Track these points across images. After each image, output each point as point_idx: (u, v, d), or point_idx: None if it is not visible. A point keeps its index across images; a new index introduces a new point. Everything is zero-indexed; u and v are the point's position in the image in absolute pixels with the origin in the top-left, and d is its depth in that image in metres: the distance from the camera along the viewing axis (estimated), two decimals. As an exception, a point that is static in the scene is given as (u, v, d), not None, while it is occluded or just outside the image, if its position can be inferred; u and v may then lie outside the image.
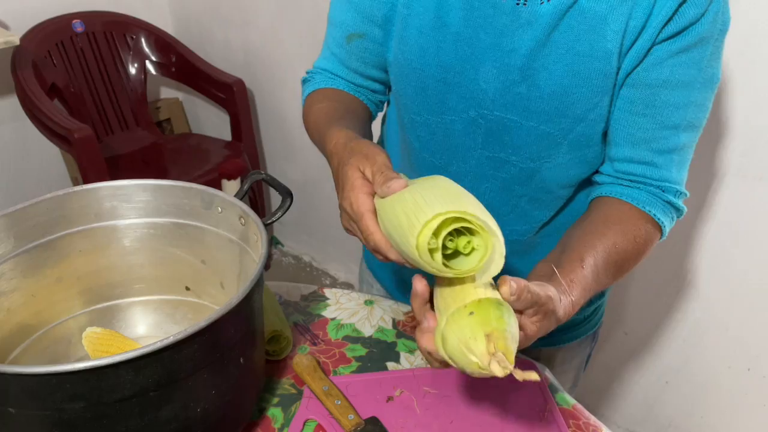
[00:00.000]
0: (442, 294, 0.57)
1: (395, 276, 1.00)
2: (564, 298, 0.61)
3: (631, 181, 0.75)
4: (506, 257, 0.54)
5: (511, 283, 0.53)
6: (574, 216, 0.79)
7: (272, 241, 2.60)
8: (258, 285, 0.65)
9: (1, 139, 2.23)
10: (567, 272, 0.64)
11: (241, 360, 0.64)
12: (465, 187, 0.58)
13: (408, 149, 0.86)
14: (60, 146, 1.97)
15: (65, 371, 0.50)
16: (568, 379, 0.99)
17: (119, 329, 0.82)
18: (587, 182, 0.81)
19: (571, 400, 0.78)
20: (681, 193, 0.75)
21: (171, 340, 0.53)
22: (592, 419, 0.76)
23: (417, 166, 0.85)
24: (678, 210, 0.76)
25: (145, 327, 0.84)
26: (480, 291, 0.54)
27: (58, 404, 0.52)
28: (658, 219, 0.74)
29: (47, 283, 0.76)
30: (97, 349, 0.74)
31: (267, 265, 0.89)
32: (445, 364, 0.56)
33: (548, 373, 0.83)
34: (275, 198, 2.56)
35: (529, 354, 0.93)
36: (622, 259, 0.70)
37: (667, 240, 0.78)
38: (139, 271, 0.82)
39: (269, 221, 0.73)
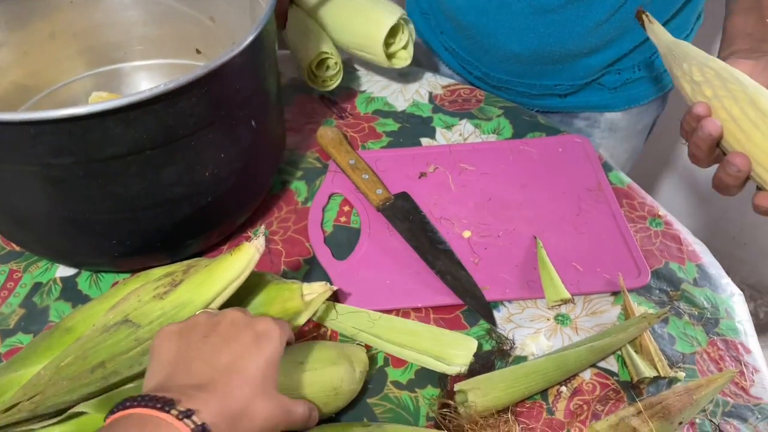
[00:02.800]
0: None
1: (440, 34, 0.88)
2: None
3: None
4: None
5: None
6: None
7: None
8: (267, 33, 0.55)
9: None
10: None
11: (253, 123, 0.57)
12: None
13: None
14: None
15: (41, 119, 0.43)
16: (627, 148, 0.90)
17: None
18: None
19: (626, 179, 0.70)
20: None
21: (161, 88, 0.45)
22: (649, 199, 0.68)
23: None
24: None
25: (156, 94, 0.77)
26: None
27: (42, 158, 0.46)
28: None
29: (39, 38, 0.68)
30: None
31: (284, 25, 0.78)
32: None
33: (602, 151, 0.74)
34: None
35: (590, 119, 0.84)
36: None
37: None
38: (141, 29, 0.73)
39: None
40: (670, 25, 0.75)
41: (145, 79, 0.76)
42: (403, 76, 0.85)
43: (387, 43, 0.76)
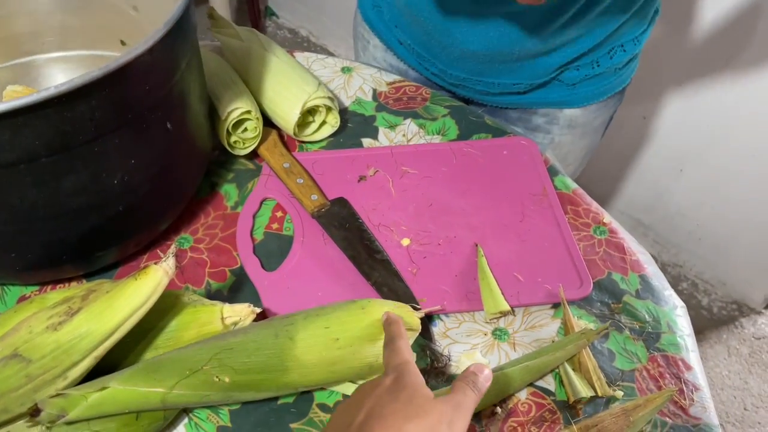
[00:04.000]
0: None
1: (399, 29, 0.84)
2: None
3: None
4: None
5: None
6: None
7: (265, 12, 2.35)
8: (182, 29, 0.50)
9: None
10: None
11: (169, 125, 0.52)
12: None
13: None
14: None
15: None
16: (584, 145, 0.87)
17: (46, 90, 0.70)
18: None
19: (572, 185, 0.68)
20: None
21: (52, 91, 0.41)
22: (594, 205, 0.66)
23: None
24: None
25: (79, 89, 0.71)
26: None
27: None
28: None
29: (-60, 27, 0.62)
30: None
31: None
32: None
33: (549, 154, 0.72)
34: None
35: (549, 115, 0.81)
36: None
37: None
38: (60, 18, 0.67)
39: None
40: (631, 21, 0.73)
41: (63, 72, 0.70)
42: (346, 71, 0.81)
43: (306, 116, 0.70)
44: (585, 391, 0.50)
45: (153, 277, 0.43)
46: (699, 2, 1.19)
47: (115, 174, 0.49)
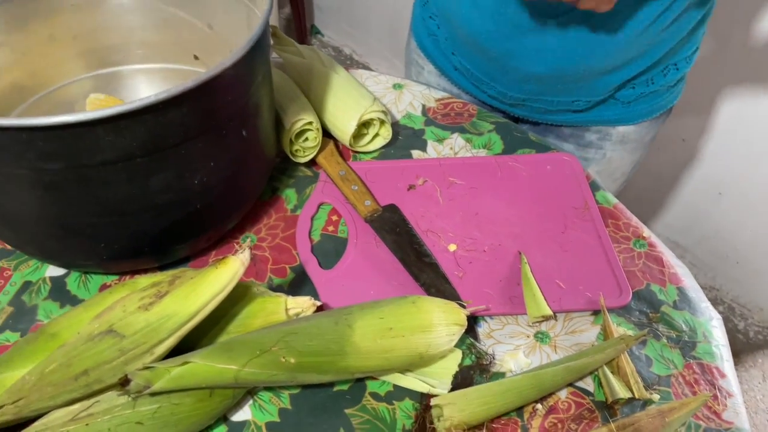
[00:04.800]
0: None
1: (450, 55, 0.88)
2: None
3: None
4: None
5: None
6: None
7: (311, 30, 2.43)
8: (260, 47, 0.56)
9: None
10: None
11: (244, 132, 0.58)
12: None
13: None
14: None
15: (35, 126, 0.44)
16: (634, 159, 0.90)
17: (125, 98, 0.76)
18: None
19: (613, 200, 0.71)
20: None
21: (152, 99, 0.46)
22: (634, 220, 0.69)
23: None
24: None
25: (153, 98, 0.78)
26: None
27: (33, 163, 0.47)
28: None
29: (38, 40, 0.68)
30: (98, 115, 0.69)
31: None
32: None
33: (591, 170, 0.75)
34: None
35: (602, 132, 0.84)
36: None
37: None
38: (141, 34, 0.74)
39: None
40: (685, 39, 0.76)
41: (143, 83, 0.76)
42: (397, 87, 0.86)
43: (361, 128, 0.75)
44: (623, 393, 0.53)
45: (231, 267, 0.48)
46: (741, 25, 1.21)
47: (196, 175, 0.55)
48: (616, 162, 0.88)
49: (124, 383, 0.45)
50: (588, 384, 0.56)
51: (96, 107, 0.71)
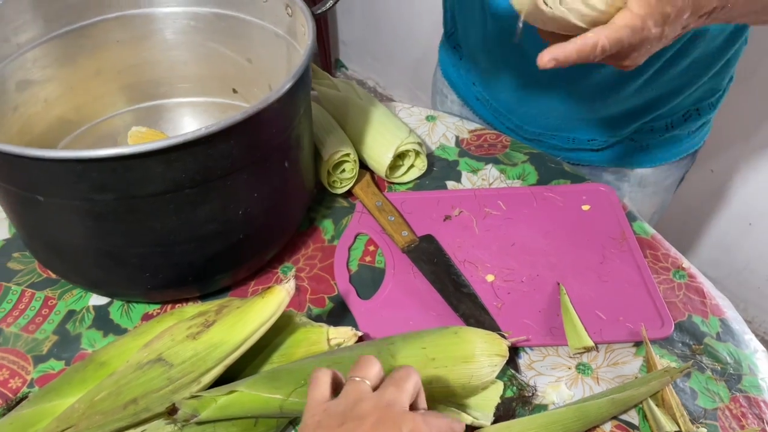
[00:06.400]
0: None
1: (477, 86, 0.89)
2: None
3: None
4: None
5: None
6: None
7: (336, 64, 2.48)
8: (303, 81, 0.57)
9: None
10: None
11: (286, 164, 0.59)
12: None
13: None
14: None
15: (89, 158, 0.46)
16: (655, 203, 0.90)
17: (166, 131, 0.78)
18: None
19: (650, 230, 0.71)
20: None
21: (203, 131, 0.47)
22: (672, 251, 0.68)
23: None
24: None
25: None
26: None
27: (86, 194, 0.48)
28: None
29: (85, 74, 0.71)
30: (141, 148, 0.70)
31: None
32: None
33: (627, 201, 0.75)
34: None
35: (620, 172, 0.84)
36: None
37: None
38: (183, 68, 0.76)
39: (319, 11, 0.63)
40: (707, 84, 0.76)
41: (184, 116, 0.79)
42: (431, 119, 0.87)
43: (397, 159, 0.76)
44: (669, 426, 0.52)
45: (277, 296, 0.48)
46: (769, 59, 1.21)
47: (240, 205, 0.56)
48: (636, 204, 0.87)
49: (171, 412, 0.45)
50: (633, 417, 0.55)
51: (138, 140, 0.73)
